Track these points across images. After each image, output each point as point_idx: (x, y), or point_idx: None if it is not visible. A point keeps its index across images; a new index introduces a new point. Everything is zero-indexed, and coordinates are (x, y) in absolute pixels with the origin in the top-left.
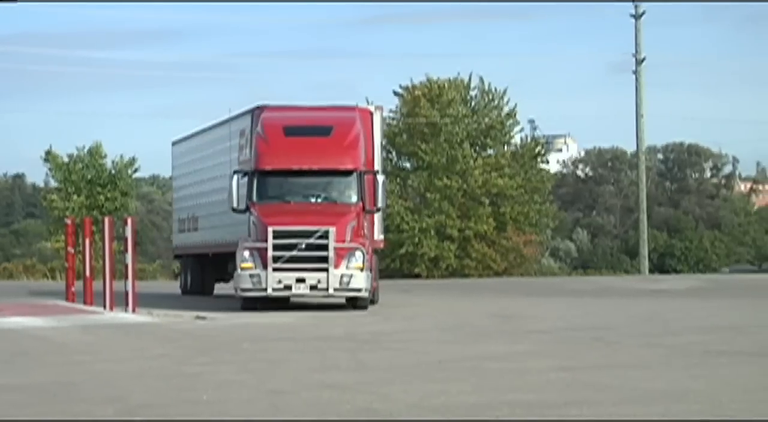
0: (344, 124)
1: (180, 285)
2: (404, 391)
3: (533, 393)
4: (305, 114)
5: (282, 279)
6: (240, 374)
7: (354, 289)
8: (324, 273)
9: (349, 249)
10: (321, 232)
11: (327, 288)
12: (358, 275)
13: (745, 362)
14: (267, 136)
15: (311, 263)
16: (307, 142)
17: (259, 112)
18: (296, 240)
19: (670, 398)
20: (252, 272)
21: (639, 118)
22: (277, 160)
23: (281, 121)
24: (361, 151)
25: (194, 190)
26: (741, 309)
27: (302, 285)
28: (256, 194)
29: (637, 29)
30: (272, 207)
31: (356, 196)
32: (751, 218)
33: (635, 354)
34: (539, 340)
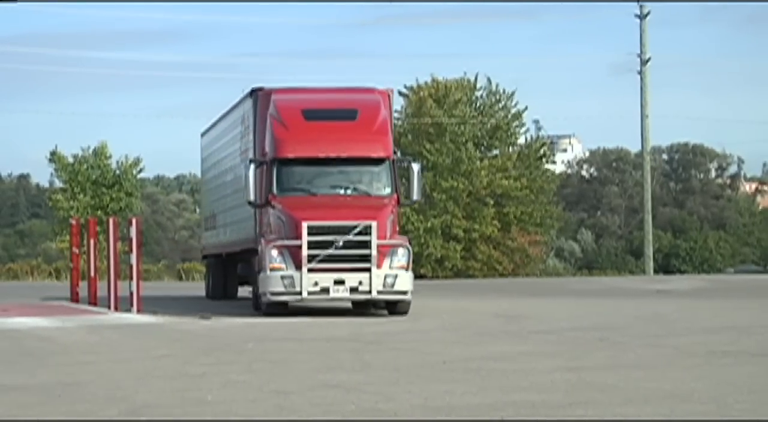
0: (370, 107)
1: (205, 288)
2: (409, 392)
3: (538, 394)
4: (323, 96)
5: (318, 281)
6: (244, 374)
7: (399, 292)
8: (366, 273)
9: (391, 247)
10: (361, 227)
11: (369, 290)
12: (403, 275)
13: (750, 362)
14: (285, 121)
15: (351, 262)
16: (331, 127)
17: (265, 95)
18: (333, 236)
19: (674, 398)
20: (283, 273)
21: (644, 118)
22: (300, 147)
23: (298, 104)
24: (391, 137)
25: (214, 184)
26: (746, 310)
27: (341, 288)
28: (276, 186)
29: (642, 29)
30: (297, 200)
31: (390, 186)
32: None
33: (640, 355)
34: (544, 341)
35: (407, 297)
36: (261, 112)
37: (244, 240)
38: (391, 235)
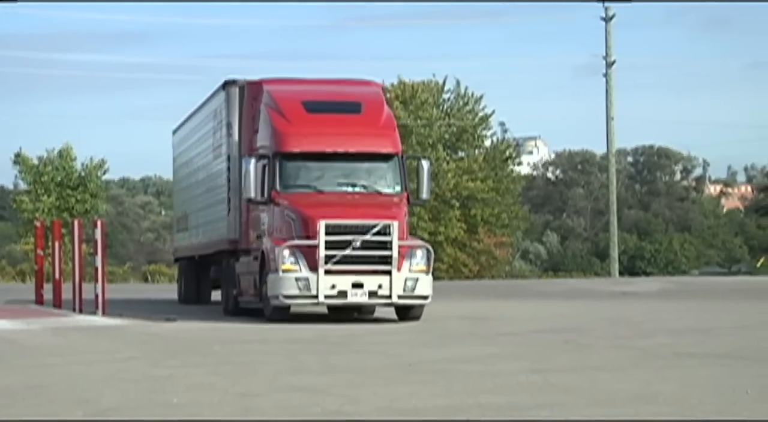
0: (373, 100)
1: (177, 292)
2: (374, 394)
3: (504, 396)
4: (322, 88)
5: (336, 284)
6: (210, 376)
7: (420, 296)
8: (386, 276)
9: (410, 248)
10: (381, 227)
11: (390, 294)
12: (423, 279)
13: (715, 364)
14: (285, 113)
15: (371, 264)
16: (335, 120)
17: (254, 86)
18: (351, 236)
19: (640, 400)
20: (298, 275)
21: (609, 120)
22: (306, 141)
23: (297, 95)
24: (398, 132)
25: (185, 184)
26: (710, 312)
27: (359, 292)
28: (280, 182)
29: (607, 32)
30: (305, 197)
31: (400, 184)
32: (720, 220)
33: (606, 356)
34: (510, 343)
35: (427, 302)
36: (249, 104)
37: (217, 242)
38: (405, 237)
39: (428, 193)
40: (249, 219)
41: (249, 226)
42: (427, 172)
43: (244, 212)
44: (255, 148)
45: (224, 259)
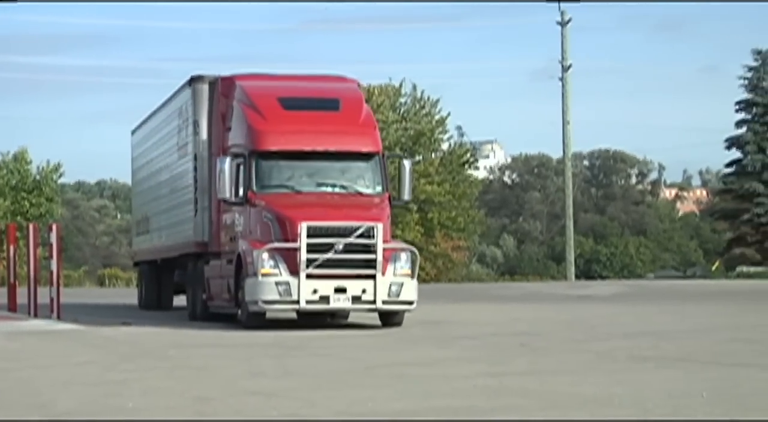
0: (351, 97)
1: (138, 297)
2: (331, 398)
3: (460, 399)
4: (297, 84)
5: (318, 289)
6: (166, 381)
7: (405, 302)
8: (370, 280)
9: (394, 251)
10: (364, 229)
11: (374, 300)
12: (408, 284)
13: (670, 367)
14: (261, 109)
15: (354, 268)
16: (313, 118)
17: (226, 82)
18: (334, 239)
19: (596, 403)
20: (278, 279)
21: (565, 124)
22: (283, 139)
23: (273, 91)
24: (378, 130)
25: (146, 185)
26: (666, 315)
27: (342, 297)
28: (256, 182)
29: (563, 36)
30: (283, 197)
31: (381, 184)
32: (676, 224)
33: (561, 360)
34: (466, 346)
35: (412, 308)
36: (220, 101)
37: (183, 245)
38: (388, 239)
39: (410, 193)
40: (220, 220)
41: (220, 228)
42: (408, 171)
43: (214, 213)
44: (227, 147)
45: (190, 263)
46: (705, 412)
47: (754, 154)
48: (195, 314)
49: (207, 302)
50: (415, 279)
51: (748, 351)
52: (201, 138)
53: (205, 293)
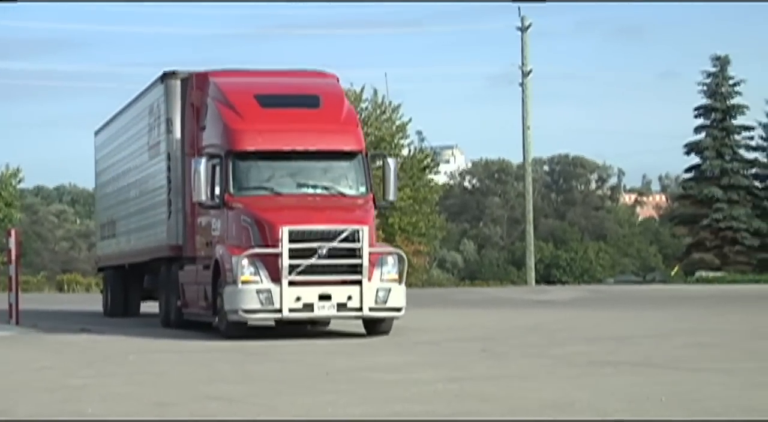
0: (331, 93)
1: (102, 304)
2: (292, 403)
3: (421, 405)
4: (274, 80)
5: (301, 296)
6: (126, 386)
7: (392, 308)
8: (356, 286)
9: (380, 255)
10: (349, 232)
11: (360, 307)
12: (396, 289)
13: (630, 372)
14: (237, 108)
15: (339, 274)
16: (292, 116)
17: (199, 78)
18: (317, 243)
19: (555, 408)
20: (259, 287)
21: (525, 129)
22: (261, 139)
23: (249, 88)
24: (360, 128)
25: (112, 187)
26: (625, 320)
27: (327, 304)
28: (233, 184)
29: (524, 42)
30: (262, 200)
31: (365, 185)
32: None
33: (522, 365)
34: (427, 351)
35: (400, 315)
36: (193, 98)
37: (155, 249)
38: (373, 243)
39: (395, 194)
40: (195, 224)
41: (196, 232)
42: (393, 171)
43: (189, 216)
44: (201, 147)
45: (162, 267)
46: (665, 417)
47: (713, 160)
48: (168, 321)
49: (182, 309)
50: (403, 284)
51: (707, 355)
52: (174, 136)
53: (179, 300)
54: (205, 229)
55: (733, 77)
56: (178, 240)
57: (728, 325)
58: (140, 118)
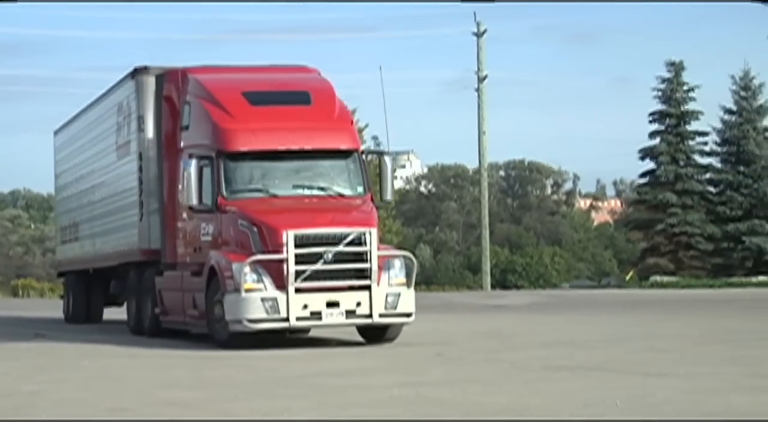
0: (321, 88)
1: (63, 310)
2: (247, 408)
3: (377, 409)
4: (260, 76)
5: (308, 304)
6: (80, 392)
7: (403, 314)
8: (365, 292)
9: (386, 259)
10: (355, 235)
11: (370, 313)
12: (405, 293)
13: (584, 376)
14: (225, 106)
15: (346, 279)
16: (284, 113)
17: (177, 75)
18: (323, 248)
19: (511, 412)
20: (264, 295)
21: (481, 135)
22: (255, 138)
23: (236, 85)
24: (355, 125)
25: (74, 189)
26: (580, 324)
27: (335, 311)
28: (226, 186)
29: (479, 47)
30: (258, 203)
31: (362, 185)
32: (590, 234)
33: (477, 370)
34: (383, 356)
35: (410, 320)
36: (171, 96)
37: (125, 253)
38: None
39: (392, 193)
40: (177, 227)
41: (177, 236)
42: (390, 169)
43: (168, 219)
44: (181, 148)
45: (132, 272)
46: (619, 421)
47: (668, 165)
48: (140, 328)
49: (160, 316)
50: (412, 288)
51: (661, 360)
52: (147, 135)
53: (157, 307)
54: (192, 234)
55: (687, 83)
56: (150, 245)
57: (683, 330)
58: (107, 116)
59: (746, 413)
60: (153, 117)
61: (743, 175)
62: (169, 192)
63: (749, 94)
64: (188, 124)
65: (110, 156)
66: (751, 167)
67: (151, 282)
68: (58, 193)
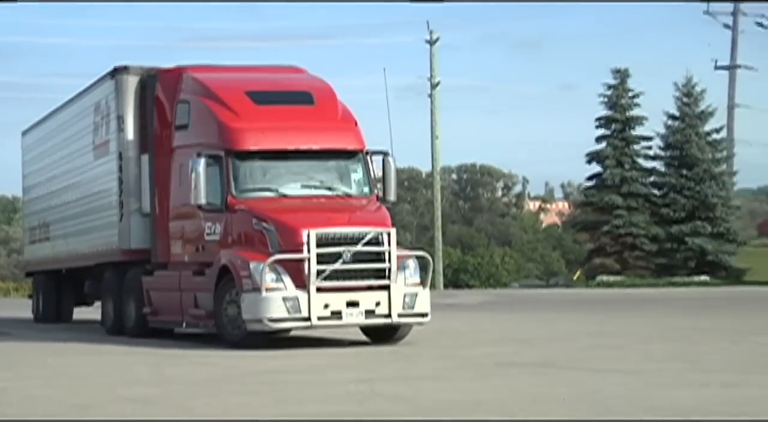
0: (323, 89)
1: (32, 310)
2: (207, 404)
3: (333, 405)
4: (258, 75)
5: (329, 303)
6: (44, 389)
7: (420, 314)
8: (384, 292)
9: (401, 259)
10: (374, 235)
11: (389, 313)
12: (421, 294)
13: (534, 373)
14: (230, 105)
15: (365, 279)
16: (289, 113)
17: (171, 74)
18: (342, 248)
19: (463, 408)
20: (285, 294)
21: (434, 139)
22: (264, 138)
23: (237, 84)
24: (359, 126)
25: (45, 190)
26: (530, 322)
27: (355, 311)
28: (236, 185)
29: (432, 54)
30: (269, 202)
31: (368, 185)
32: (539, 235)
33: (430, 367)
34: (339, 354)
35: (426, 320)
36: (164, 95)
37: (103, 253)
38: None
39: (395, 194)
40: (170, 227)
41: (172, 236)
42: (393, 170)
43: (159, 219)
44: (174, 147)
45: (107, 272)
46: (567, 415)
47: (613, 168)
48: (120, 328)
49: (149, 316)
50: (427, 288)
51: (607, 356)
52: (127, 135)
53: (147, 306)
54: (193, 233)
55: (632, 90)
56: (131, 245)
57: (628, 328)
58: (82, 116)
59: (688, 407)
60: (133, 116)
61: (686, 178)
62: (160, 191)
63: (691, 101)
64: (186, 122)
65: (86, 156)
66: (693, 170)
67: (136, 282)
68: (26, 194)
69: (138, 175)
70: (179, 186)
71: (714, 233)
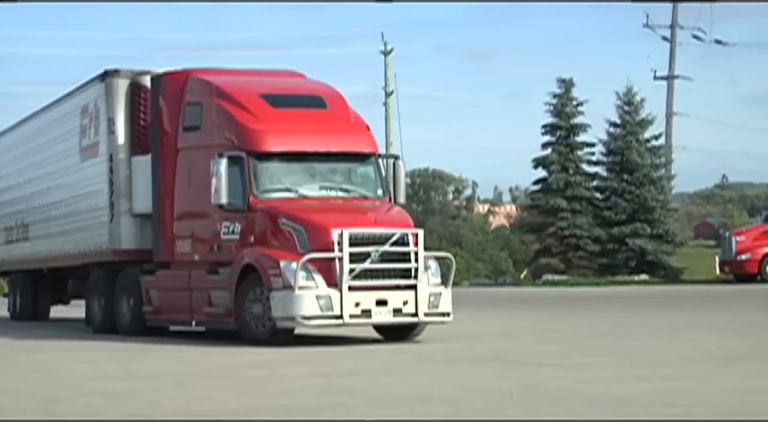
0: (332, 93)
1: (8, 308)
2: (171, 398)
3: (291, 398)
4: (268, 79)
5: (360, 302)
6: (15, 383)
7: (443, 313)
8: (411, 291)
9: (425, 259)
10: (400, 236)
11: (416, 312)
12: (444, 293)
13: (483, 367)
14: (248, 107)
15: (393, 278)
16: (305, 116)
17: (174, 77)
18: (371, 247)
19: (415, 401)
20: (318, 292)
21: (388, 145)
22: (285, 139)
23: (252, 87)
24: (371, 129)
25: (24, 191)
26: (479, 319)
27: (384, 310)
28: (257, 186)
29: (386, 64)
30: (290, 202)
31: (381, 187)
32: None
33: (385, 361)
34: (297, 349)
35: (449, 319)
36: (170, 97)
37: (92, 253)
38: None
39: (404, 196)
40: (176, 226)
41: (178, 236)
42: (403, 173)
43: (162, 218)
44: (181, 147)
45: (92, 272)
46: (514, 408)
47: (558, 173)
48: (110, 327)
49: (149, 315)
50: (449, 288)
51: (553, 352)
52: (117, 137)
53: (147, 305)
54: (207, 232)
55: (576, 98)
56: (120, 245)
57: (572, 324)
58: (68, 118)
59: (629, 400)
60: (124, 119)
61: (627, 183)
62: (164, 191)
63: (632, 109)
64: (197, 124)
65: (73, 157)
66: (634, 175)
67: (131, 281)
68: (2, 195)
69: (129, 176)
70: (187, 186)
71: (653, 234)
